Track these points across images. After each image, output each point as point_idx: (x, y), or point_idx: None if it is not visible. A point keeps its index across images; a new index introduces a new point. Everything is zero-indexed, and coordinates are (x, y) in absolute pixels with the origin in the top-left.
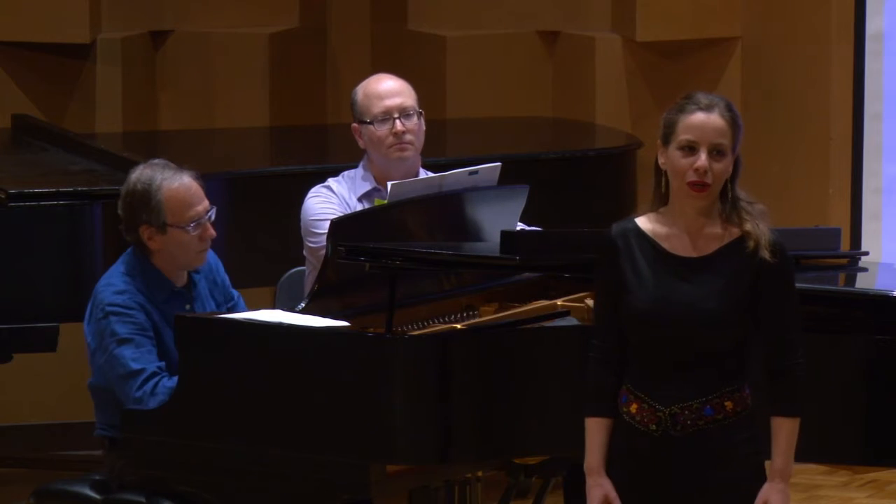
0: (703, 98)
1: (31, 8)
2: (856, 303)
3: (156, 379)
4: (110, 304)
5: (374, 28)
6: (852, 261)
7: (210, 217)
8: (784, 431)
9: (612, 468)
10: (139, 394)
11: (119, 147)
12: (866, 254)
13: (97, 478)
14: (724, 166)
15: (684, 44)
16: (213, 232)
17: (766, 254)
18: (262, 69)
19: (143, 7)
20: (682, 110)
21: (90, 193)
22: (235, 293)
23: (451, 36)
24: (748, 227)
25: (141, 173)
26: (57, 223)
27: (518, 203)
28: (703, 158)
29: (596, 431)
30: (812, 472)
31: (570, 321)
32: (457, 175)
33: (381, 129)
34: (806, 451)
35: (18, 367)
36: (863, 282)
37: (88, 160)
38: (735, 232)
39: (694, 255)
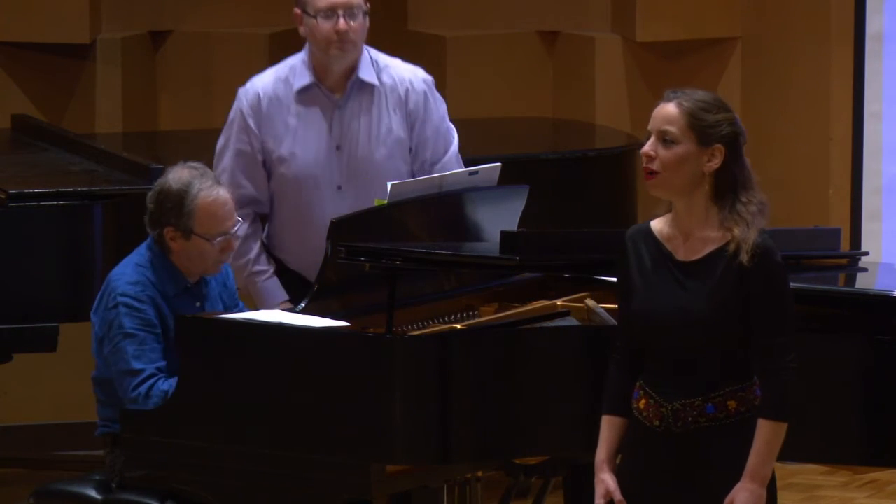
0: (673, 91)
1: (31, 8)
2: (856, 303)
3: (152, 381)
4: (122, 295)
5: (373, 28)
6: (852, 261)
7: (236, 232)
8: (763, 433)
9: (622, 461)
10: (134, 394)
11: (119, 147)
12: (866, 254)
13: (97, 478)
14: (673, 154)
15: (684, 44)
16: (234, 246)
17: (745, 258)
18: (261, 69)
19: (143, 7)
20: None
21: (90, 193)
22: (241, 305)
23: (451, 36)
24: (736, 231)
25: (180, 174)
26: (57, 223)
27: (518, 203)
28: (647, 144)
29: (605, 428)
30: (812, 472)
31: (570, 321)
32: (457, 175)
33: (325, 25)
34: (806, 451)
35: (18, 367)
36: (863, 282)
37: (88, 160)
38: (728, 236)
39: (689, 258)
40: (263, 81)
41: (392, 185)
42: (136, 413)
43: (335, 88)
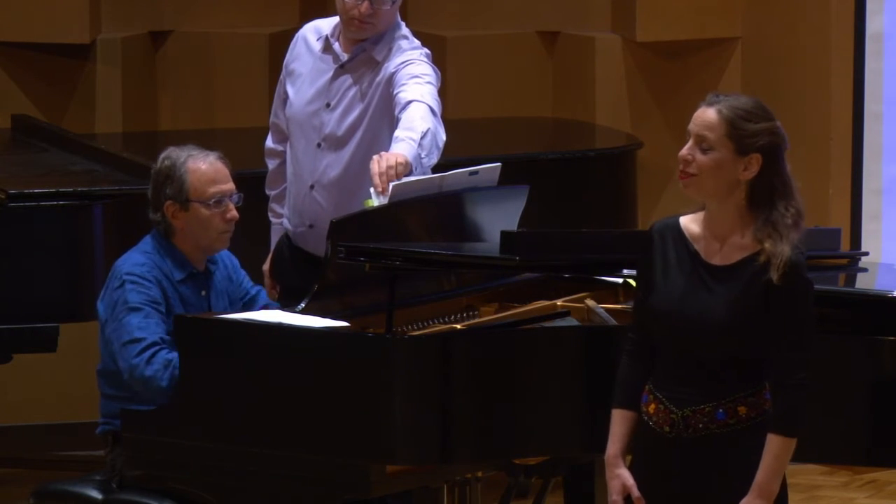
0: (716, 96)
1: (31, 8)
2: (856, 303)
3: (154, 349)
4: (128, 273)
5: None
6: (852, 261)
7: (236, 200)
8: (772, 448)
9: (631, 465)
10: (137, 360)
11: (119, 147)
12: (866, 254)
13: (97, 478)
14: (709, 160)
15: (684, 44)
16: (235, 214)
17: (774, 275)
18: (262, 69)
19: (143, 7)
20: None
21: (90, 193)
22: (257, 288)
23: (451, 36)
24: (767, 244)
25: (169, 152)
26: (57, 223)
27: (518, 203)
28: (686, 147)
29: (617, 422)
30: (812, 472)
31: (570, 321)
32: (457, 175)
33: (348, 1)
34: (806, 451)
35: (18, 367)
36: (863, 282)
37: (88, 160)
38: (759, 245)
39: (718, 262)
40: (314, 23)
41: (392, 185)
42: (137, 413)
43: (345, 47)
